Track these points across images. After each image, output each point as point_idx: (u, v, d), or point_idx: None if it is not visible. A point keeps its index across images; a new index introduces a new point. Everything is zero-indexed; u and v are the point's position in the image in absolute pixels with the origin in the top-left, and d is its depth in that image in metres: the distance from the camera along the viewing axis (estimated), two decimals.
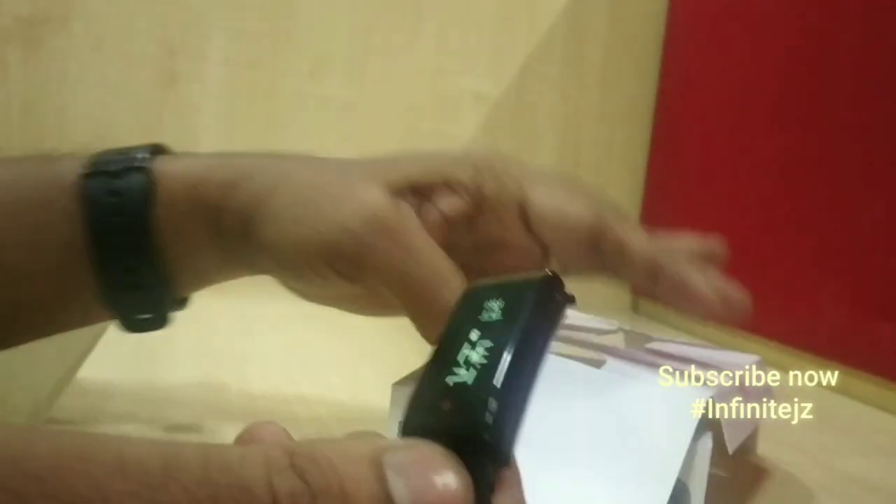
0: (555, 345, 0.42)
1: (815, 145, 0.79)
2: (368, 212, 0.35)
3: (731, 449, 0.40)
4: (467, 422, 0.19)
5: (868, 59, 0.74)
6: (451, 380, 0.20)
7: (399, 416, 0.20)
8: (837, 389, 0.75)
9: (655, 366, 0.43)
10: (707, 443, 0.38)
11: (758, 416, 0.49)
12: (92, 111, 0.84)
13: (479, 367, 0.20)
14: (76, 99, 0.84)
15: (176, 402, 0.49)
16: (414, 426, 0.20)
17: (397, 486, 0.18)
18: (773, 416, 0.50)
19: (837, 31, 0.78)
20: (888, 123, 0.71)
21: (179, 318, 0.44)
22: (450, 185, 0.38)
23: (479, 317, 0.21)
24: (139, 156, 0.39)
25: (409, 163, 0.38)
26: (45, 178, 0.39)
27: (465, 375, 0.20)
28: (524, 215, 0.40)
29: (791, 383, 0.80)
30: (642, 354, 0.47)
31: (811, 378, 0.80)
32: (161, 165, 0.39)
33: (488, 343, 0.20)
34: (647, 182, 1.06)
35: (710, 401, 0.39)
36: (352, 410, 0.51)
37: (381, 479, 0.18)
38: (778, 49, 0.85)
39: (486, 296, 0.22)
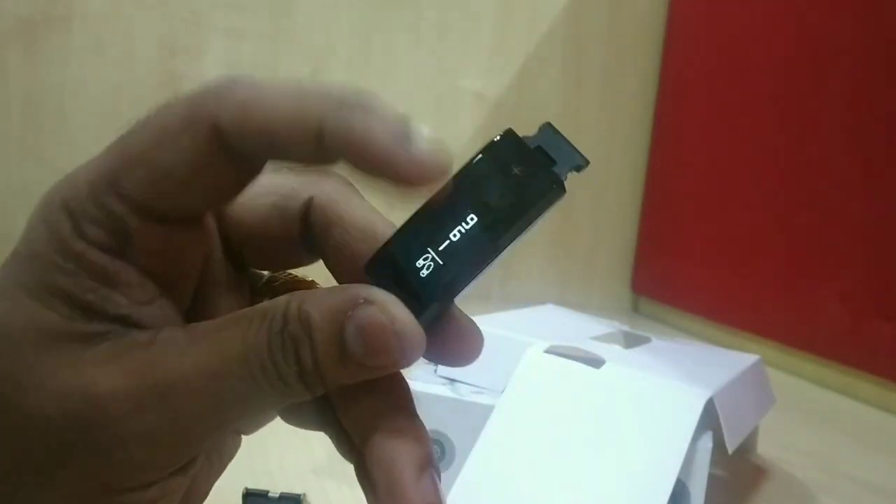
0: (555, 345, 0.42)
1: (814, 145, 0.79)
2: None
3: (730, 449, 0.40)
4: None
5: (867, 59, 0.74)
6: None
7: None
8: (837, 389, 0.75)
9: (655, 366, 0.43)
10: (707, 443, 0.38)
11: (758, 416, 0.49)
12: (92, 111, 0.84)
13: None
14: (76, 99, 0.84)
15: None
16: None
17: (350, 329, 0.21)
18: (772, 416, 0.50)
19: (837, 32, 0.78)
20: (889, 123, 0.71)
21: None
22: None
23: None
24: None
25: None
26: None
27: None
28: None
29: (791, 383, 0.81)
30: (642, 354, 0.47)
31: (811, 378, 0.80)
32: None
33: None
34: (648, 182, 1.06)
35: (710, 401, 0.39)
36: None
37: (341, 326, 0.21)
38: (777, 49, 0.85)
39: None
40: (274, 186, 0.25)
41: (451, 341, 0.23)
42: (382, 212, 0.25)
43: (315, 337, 0.21)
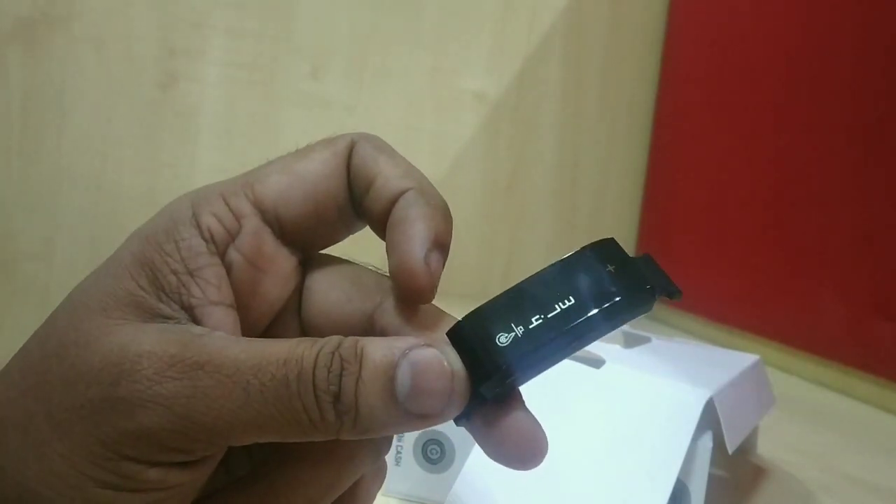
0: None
1: (814, 145, 0.79)
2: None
3: (730, 449, 0.40)
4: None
5: (867, 59, 0.74)
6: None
7: None
8: (837, 389, 0.75)
9: (655, 366, 0.43)
10: (707, 443, 0.38)
11: (758, 416, 0.49)
12: (92, 111, 0.84)
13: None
14: (76, 99, 0.84)
15: None
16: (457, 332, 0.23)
17: (402, 368, 0.22)
18: (772, 416, 0.50)
19: (837, 32, 0.78)
20: (888, 123, 0.71)
21: None
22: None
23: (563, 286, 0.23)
24: None
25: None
26: None
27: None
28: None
29: (791, 383, 0.81)
30: (642, 354, 0.47)
31: (811, 378, 0.80)
32: None
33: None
34: (647, 182, 1.06)
35: (710, 401, 0.39)
36: None
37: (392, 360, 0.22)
38: (777, 49, 0.85)
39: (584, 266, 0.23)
40: (354, 285, 0.26)
41: (510, 439, 0.23)
42: None
43: (365, 365, 0.22)
